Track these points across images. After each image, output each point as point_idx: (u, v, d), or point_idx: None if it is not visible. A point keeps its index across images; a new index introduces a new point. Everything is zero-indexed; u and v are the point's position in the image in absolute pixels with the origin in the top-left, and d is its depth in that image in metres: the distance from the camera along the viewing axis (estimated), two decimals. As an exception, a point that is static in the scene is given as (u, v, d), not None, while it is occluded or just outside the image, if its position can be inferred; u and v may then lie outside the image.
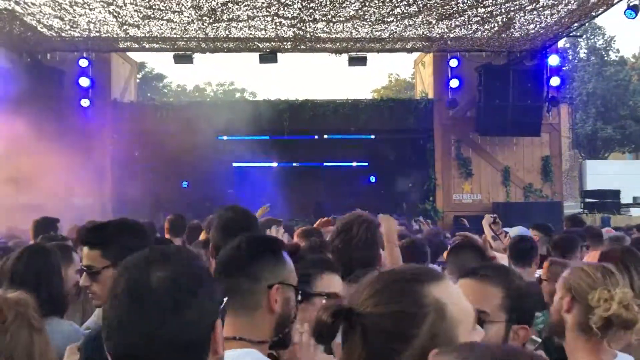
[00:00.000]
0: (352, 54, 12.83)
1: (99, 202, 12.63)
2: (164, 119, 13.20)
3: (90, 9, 10.22)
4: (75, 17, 10.69)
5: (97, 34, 11.67)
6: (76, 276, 3.41)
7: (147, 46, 12.68)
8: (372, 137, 14.15)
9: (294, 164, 14.68)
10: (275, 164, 14.57)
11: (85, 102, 12.46)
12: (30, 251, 2.89)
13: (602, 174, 21.22)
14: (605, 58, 34.16)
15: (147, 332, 1.05)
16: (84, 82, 12.45)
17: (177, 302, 1.08)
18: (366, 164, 15.66)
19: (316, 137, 13.88)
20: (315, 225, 4.78)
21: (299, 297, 1.74)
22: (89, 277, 2.26)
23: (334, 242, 2.76)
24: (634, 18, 9.11)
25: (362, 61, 13.01)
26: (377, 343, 1.09)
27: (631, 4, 9.19)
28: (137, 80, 18.16)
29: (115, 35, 11.84)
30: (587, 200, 15.72)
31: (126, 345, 1.06)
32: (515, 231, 4.96)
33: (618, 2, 9.61)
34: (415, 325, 1.10)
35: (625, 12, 9.18)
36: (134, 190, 12.48)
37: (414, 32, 11.64)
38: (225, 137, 13.52)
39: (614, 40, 36.04)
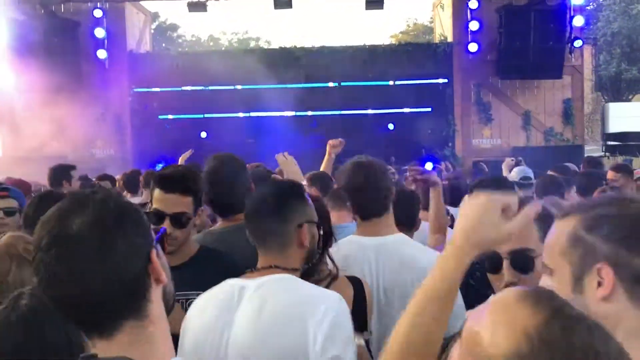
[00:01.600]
0: (368, -4, 12.53)
1: (120, 153, 12.80)
2: (180, 69, 13.16)
3: (102, -42, 10.08)
4: (87, -34, 10.56)
5: (111, -17, 11.53)
6: None
7: (160, -6, 12.53)
8: (390, 83, 13.96)
9: (311, 113, 14.58)
10: (293, 113, 14.51)
11: (101, 54, 12.43)
12: (40, 197, 3.01)
13: (625, 116, 20.74)
14: (632, -5, 32.87)
15: (80, 279, 1.07)
16: (100, 33, 12.38)
17: (101, 243, 1.08)
18: (384, 111, 15.51)
19: (333, 84, 13.72)
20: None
21: (321, 232, 1.99)
22: (177, 223, 2.23)
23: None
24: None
25: (379, 4, 12.71)
26: None
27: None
28: (152, 31, 18.02)
29: (128, -16, 11.70)
30: (609, 143, 15.49)
31: (64, 296, 1.08)
32: (515, 172, 4.94)
33: None
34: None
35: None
36: (154, 141, 12.60)
37: (433, -27, 11.31)
38: (241, 87, 13.45)
39: (642, -23, 34.54)
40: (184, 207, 2.25)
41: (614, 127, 19.46)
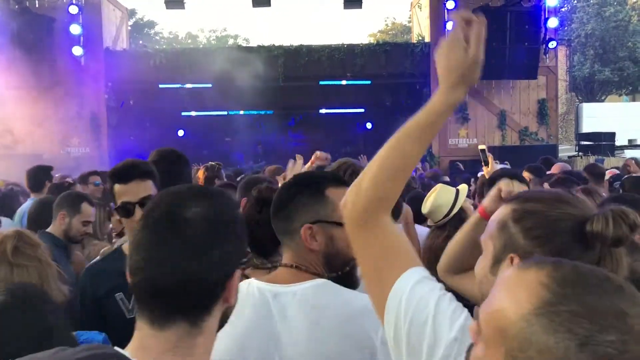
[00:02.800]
0: (347, -5, 12.59)
1: (97, 152, 12.67)
2: (157, 66, 13.06)
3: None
4: (62, -39, 10.42)
5: (86, -20, 11.40)
6: (82, 226, 3.53)
7: (137, -9, 12.40)
8: (369, 82, 14.05)
9: (289, 111, 14.60)
10: (271, 111, 14.50)
11: (77, 50, 12.27)
12: (42, 201, 3.03)
13: (598, 116, 21.17)
14: (605, -2, 33.51)
15: (176, 266, 1.03)
16: (75, 29, 12.22)
17: (209, 239, 1.06)
18: (362, 110, 15.61)
19: (312, 83, 13.77)
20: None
21: None
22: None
23: None
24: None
25: (357, 3, 12.78)
26: None
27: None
28: (129, 28, 17.83)
29: (104, -19, 11.57)
30: (582, 143, 15.77)
31: (154, 278, 1.04)
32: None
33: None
34: None
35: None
36: (130, 138, 12.49)
37: (410, -26, 11.40)
38: (219, 85, 13.42)
39: (615, -20, 35.23)
40: (147, 191, 2.25)
41: (587, 127, 19.83)
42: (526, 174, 4.98)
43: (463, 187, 3.16)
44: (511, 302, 0.84)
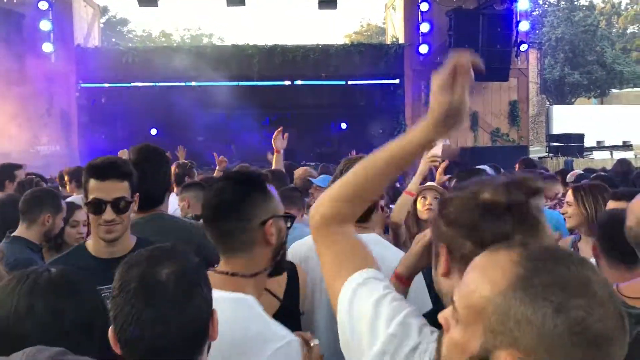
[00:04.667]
0: (321, -4, 12.61)
1: (67, 150, 12.44)
2: (130, 64, 12.90)
3: (48, -52, 9.77)
4: (32, -44, 10.22)
5: (57, -25, 11.20)
6: (61, 223, 3.41)
7: (109, -12, 12.23)
8: (343, 83, 14.09)
9: (263, 111, 14.54)
10: (245, 111, 14.43)
11: (47, 47, 12.04)
12: (2, 201, 2.93)
13: (568, 118, 21.61)
14: (575, 2, 34.20)
15: (163, 323, 1.17)
16: (45, 25, 11.99)
17: (186, 294, 1.21)
18: (337, 110, 15.64)
19: (286, 82, 13.75)
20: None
21: (289, 223, 1.80)
22: (117, 209, 2.19)
23: None
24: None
25: (332, 4, 12.81)
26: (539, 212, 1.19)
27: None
28: (101, 25, 17.57)
29: (75, -23, 11.38)
30: (552, 144, 16.06)
31: (145, 337, 1.17)
32: None
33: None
34: None
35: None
36: (102, 137, 12.31)
37: (385, -25, 11.47)
38: (194, 83, 13.31)
39: (584, -15, 36.00)
40: (122, 192, 2.21)
41: (557, 129, 20.22)
42: None
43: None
44: (486, 282, 0.91)
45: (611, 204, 2.92)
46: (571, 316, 0.83)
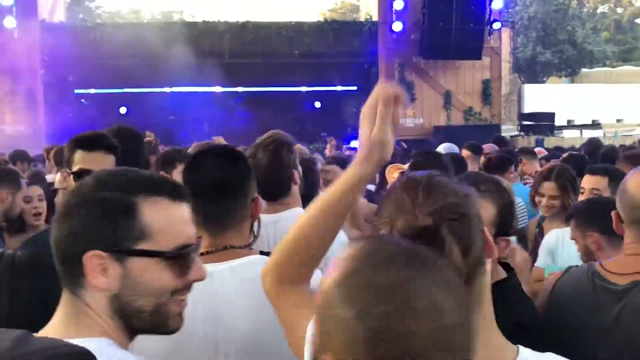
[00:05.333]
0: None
1: (32, 130, 12.11)
2: (98, 41, 12.56)
3: None
4: None
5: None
6: (22, 203, 3.30)
7: (74, -39, 11.84)
8: (316, 61, 13.96)
9: (236, 89, 14.36)
10: (218, 89, 14.21)
11: (9, 22, 11.65)
12: None
13: (539, 97, 21.83)
14: (548, -19, 34.39)
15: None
16: (7, 0, 11.58)
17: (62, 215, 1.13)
18: (311, 89, 15.52)
19: (258, 60, 13.55)
20: None
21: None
22: None
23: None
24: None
25: (305, -19, 12.60)
26: (465, 236, 1.09)
27: None
28: (67, 0, 17.04)
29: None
30: (524, 122, 16.22)
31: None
32: (443, 147, 5.13)
33: None
34: (474, 207, 1.14)
35: None
36: (69, 116, 12.00)
37: (358, -49, 11.32)
38: (163, 61, 13.03)
39: (557, -37, 36.17)
40: (108, 165, 2.19)
41: (529, 107, 20.42)
42: (465, 152, 5.14)
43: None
44: (329, 273, 0.86)
45: (587, 179, 2.96)
46: (371, 323, 0.77)
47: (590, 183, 2.90)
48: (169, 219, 1.09)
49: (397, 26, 12.87)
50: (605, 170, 2.96)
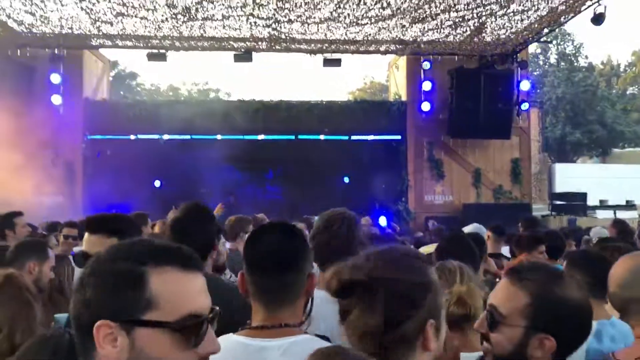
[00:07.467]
0: (326, 55, 12.91)
1: (70, 201, 12.46)
2: (136, 117, 13.10)
3: (62, 5, 10.10)
4: (46, 12, 10.56)
5: (70, 31, 11.53)
6: (51, 273, 3.40)
7: (120, 44, 12.58)
8: (346, 138, 14.23)
9: (268, 165, 14.63)
10: (249, 164, 14.51)
11: (56, 99, 12.29)
12: None
13: (570, 177, 21.66)
14: (575, 64, 34.90)
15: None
16: (55, 78, 12.28)
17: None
18: (340, 164, 15.69)
19: (290, 137, 13.89)
20: None
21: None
22: None
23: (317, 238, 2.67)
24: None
25: (336, 62, 13.10)
26: (396, 307, 1.27)
27: (597, 12, 9.47)
28: (110, 79, 17.96)
29: (87, 32, 11.72)
30: (555, 202, 16.03)
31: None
32: (470, 228, 5.11)
33: (585, 9, 9.88)
34: (424, 295, 1.29)
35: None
36: (106, 189, 12.33)
37: (388, 35, 11.78)
38: (198, 137, 13.45)
39: (583, 47, 36.91)
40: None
41: (560, 187, 20.23)
42: (489, 232, 5.17)
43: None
44: None
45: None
46: None
47: None
48: (178, 289, 1.07)
49: (426, 106, 13.15)
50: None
